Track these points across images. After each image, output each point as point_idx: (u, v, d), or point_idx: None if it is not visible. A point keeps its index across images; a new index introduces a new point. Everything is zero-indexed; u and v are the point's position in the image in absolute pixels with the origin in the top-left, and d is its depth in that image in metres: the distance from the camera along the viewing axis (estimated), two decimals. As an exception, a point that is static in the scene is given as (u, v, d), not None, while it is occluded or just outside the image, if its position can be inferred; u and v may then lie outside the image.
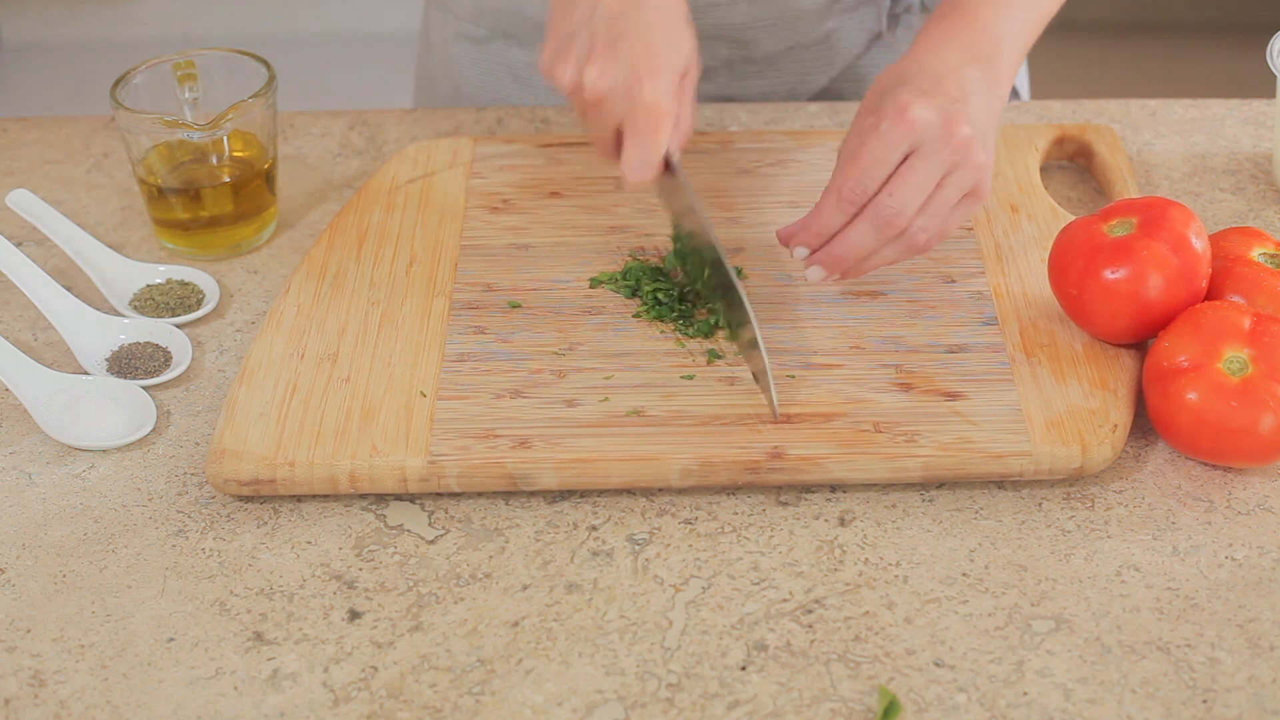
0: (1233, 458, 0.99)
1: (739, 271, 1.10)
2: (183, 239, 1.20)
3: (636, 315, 1.10)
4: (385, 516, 1.00)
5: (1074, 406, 1.02)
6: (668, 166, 1.05)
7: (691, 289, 1.11)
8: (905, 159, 1.02)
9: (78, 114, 1.39)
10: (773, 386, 1.02)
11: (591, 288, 1.12)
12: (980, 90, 1.04)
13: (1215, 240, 1.08)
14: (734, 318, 1.06)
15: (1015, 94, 1.43)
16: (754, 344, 1.03)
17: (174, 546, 0.99)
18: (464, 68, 1.40)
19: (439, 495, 1.01)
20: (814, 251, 1.04)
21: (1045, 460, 0.99)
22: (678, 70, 1.04)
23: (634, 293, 1.11)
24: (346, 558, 0.98)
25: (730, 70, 1.35)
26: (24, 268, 1.14)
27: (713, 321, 1.08)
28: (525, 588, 0.96)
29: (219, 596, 0.96)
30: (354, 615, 0.94)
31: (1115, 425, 1.00)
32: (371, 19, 3.19)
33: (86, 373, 1.09)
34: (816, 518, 0.99)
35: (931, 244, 1.03)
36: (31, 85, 3.11)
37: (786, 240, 1.05)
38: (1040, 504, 1.00)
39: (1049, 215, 1.17)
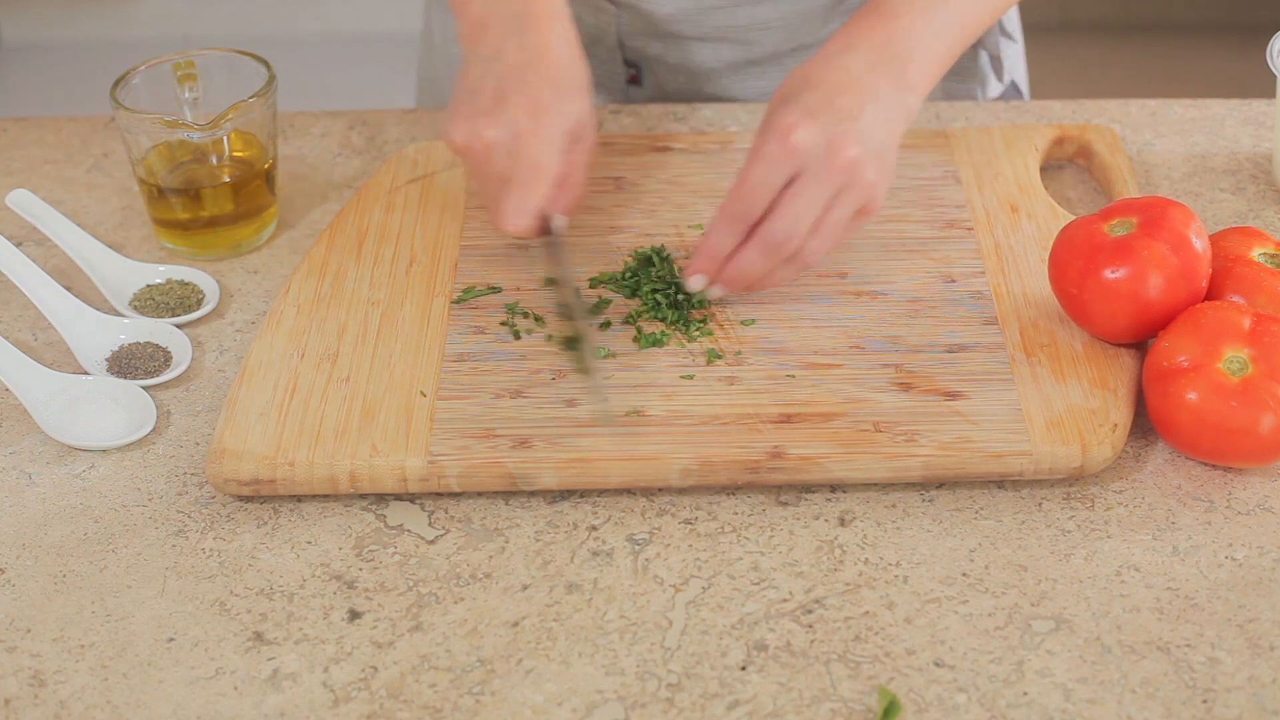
0: (1233, 458, 0.99)
1: (601, 351, 1.09)
2: (183, 239, 1.20)
3: (636, 315, 1.10)
4: (385, 516, 1.00)
5: (1074, 406, 1.02)
6: (548, 228, 1.07)
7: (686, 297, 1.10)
8: (791, 182, 1.03)
9: (78, 114, 1.39)
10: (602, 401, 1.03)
11: (591, 287, 1.12)
12: (883, 99, 1.04)
13: (1215, 240, 1.08)
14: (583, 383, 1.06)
15: (1017, 92, 1.43)
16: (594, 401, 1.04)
17: (174, 546, 0.99)
18: None
19: (439, 495, 1.01)
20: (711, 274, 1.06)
21: (1045, 460, 0.99)
22: (564, 129, 1.05)
23: (634, 293, 1.11)
24: (346, 558, 0.98)
25: (734, 71, 1.35)
26: (24, 268, 1.14)
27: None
28: (525, 588, 0.96)
29: (219, 596, 0.96)
30: (354, 615, 0.94)
31: (1115, 425, 1.00)
32: (372, 19, 3.19)
33: (86, 373, 1.09)
34: (816, 518, 0.99)
35: (822, 257, 1.05)
36: (31, 85, 3.11)
37: (686, 272, 1.08)
38: (1040, 504, 1.00)
39: (1049, 215, 1.17)
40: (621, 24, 1.32)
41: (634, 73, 1.37)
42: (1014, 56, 1.42)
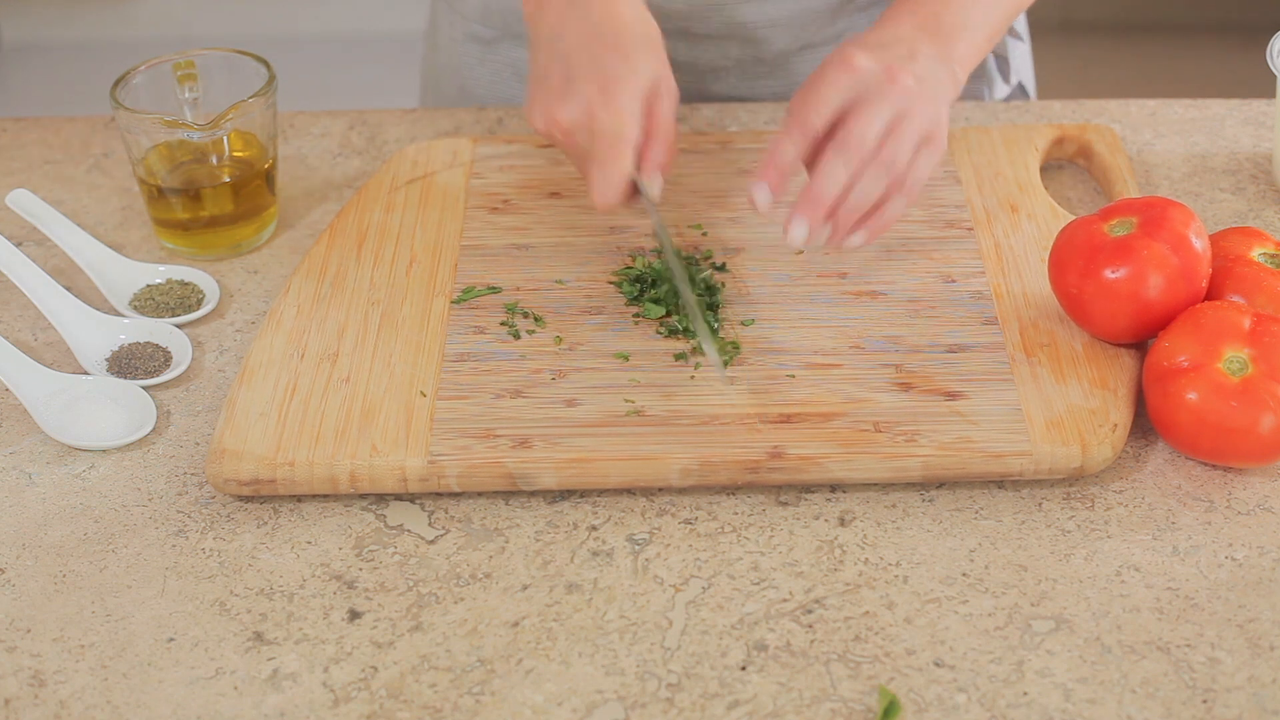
0: (1233, 458, 0.99)
1: (711, 291, 1.10)
2: (183, 239, 1.20)
3: (637, 316, 1.10)
4: (385, 516, 1.00)
5: (1074, 406, 1.02)
6: (637, 190, 1.07)
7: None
8: (852, 105, 1.03)
9: (78, 114, 1.39)
10: (723, 376, 1.04)
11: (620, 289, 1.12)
12: (930, 59, 1.05)
13: (1215, 240, 1.08)
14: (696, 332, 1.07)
15: (1024, 93, 1.43)
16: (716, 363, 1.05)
17: (174, 546, 0.99)
18: (471, 68, 1.40)
19: (439, 495, 1.01)
20: (796, 211, 1.03)
21: (1045, 460, 0.99)
22: (639, 92, 1.05)
23: (638, 297, 1.11)
24: (346, 558, 0.98)
25: (741, 70, 1.35)
26: (24, 268, 1.14)
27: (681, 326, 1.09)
28: (525, 588, 0.96)
29: (219, 596, 0.96)
30: (354, 615, 0.94)
31: (1115, 425, 1.00)
32: (372, 19, 3.19)
33: (86, 373, 1.09)
34: (816, 518, 0.99)
35: (906, 190, 1.04)
36: (31, 85, 3.11)
37: (755, 188, 1.04)
38: (1040, 504, 1.00)
39: (1049, 215, 1.17)
40: None
41: None
42: (1021, 57, 1.42)
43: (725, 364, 1.05)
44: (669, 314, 1.09)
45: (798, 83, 1.37)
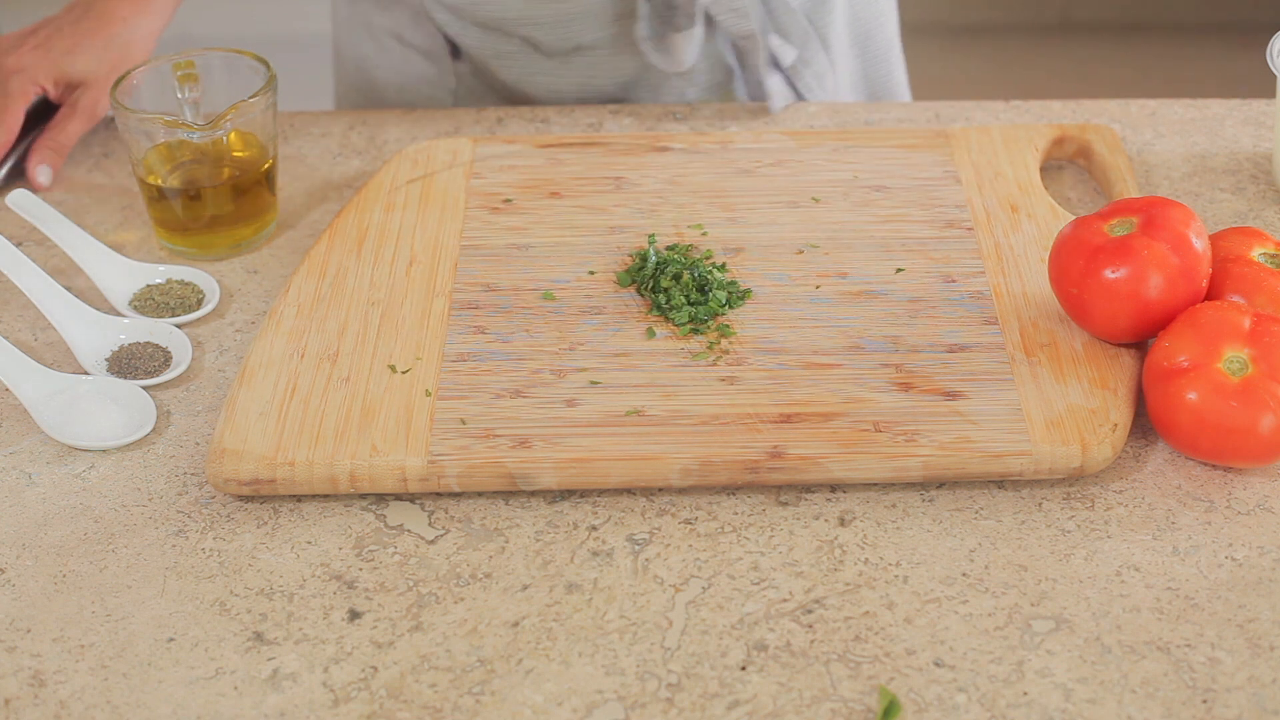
0: (1233, 458, 0.99)
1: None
2: (183, 239, 1.20)
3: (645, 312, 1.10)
4: (385, 516, 1.00)
5: (1074, 406, 1.02)
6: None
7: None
8: None
9: (78, 114, 1.39)
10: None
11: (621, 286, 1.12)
12: None
13: (1215, 240, 1.08)
14: None
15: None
16: None
17: (174, 546, 0.99)
18: (357, 45, 1.45)
19: (439, 495, 1.01)
20: None
21: (1045, 460, 0.99)
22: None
23: (652, 289, 1.11)
24: (346, 558, 0.98)
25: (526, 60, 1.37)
26: (24, 268, 1.13)
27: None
28: (525, 588, 0.96)
29: (219, 596, 0.96)
30: (354, 615, 0.94)
31: (1115, 425, 1.00)
32: (371, 19, 3.19)
33: (86, 373, 1.09)
34: (816, 518, 0.99)
35: None
36: (31, 85, 3.10)
37: None
38: (1040, 504, 1.00)
39: (1049, 215, 1.17)
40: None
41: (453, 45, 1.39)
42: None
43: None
44: (634, 284, 1.11)
45: (577, 82, 1.38)
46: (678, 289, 1.10)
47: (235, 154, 1.19)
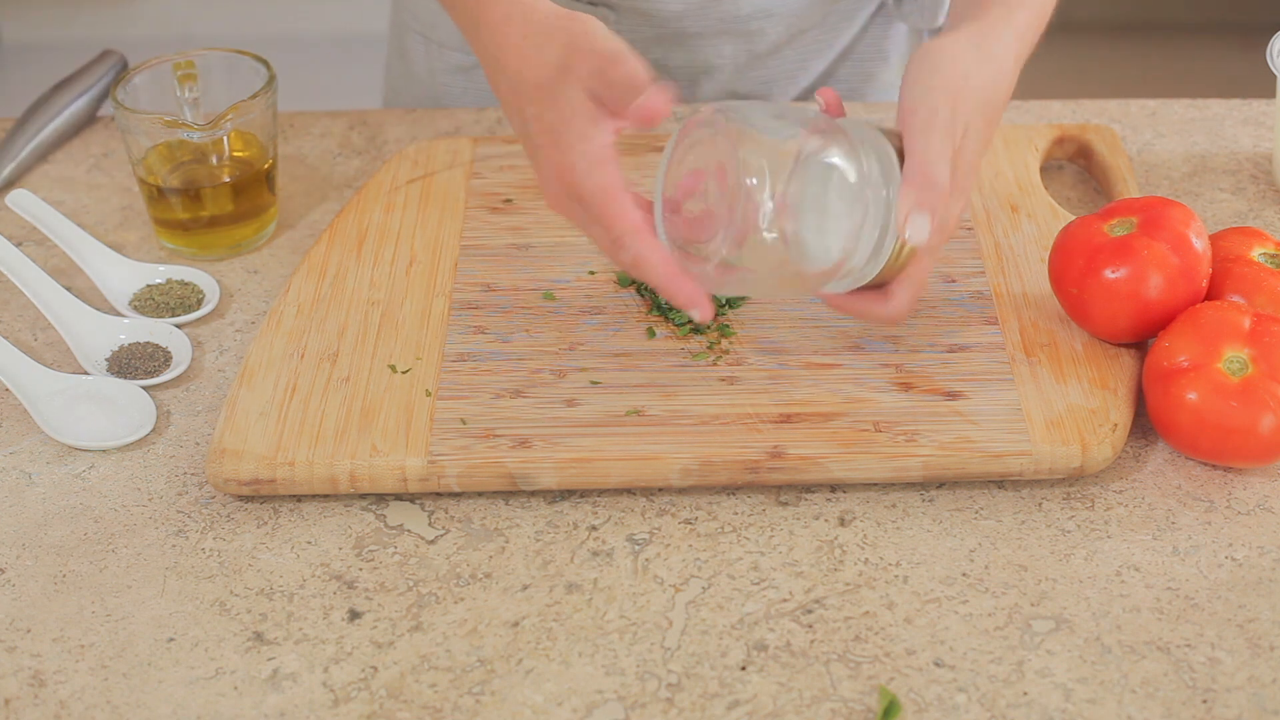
0: (1233, 458, 0.99)
1: None
2: (183, 239, 1.20)
3: (646, 314, 1.10)
4: (385, 516, 1.00)
5: (1074, 406, 1.02)
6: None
7: None
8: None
9: (78, 114, 1.39)
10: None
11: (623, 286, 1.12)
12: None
13: (1215, 240, 1.08)
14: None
15: None
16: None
17: (174, 546, 0.99)
18: (455, 99, 1.41)
19: (439, 495, 1.01)
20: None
21: (1045, 460, 0.99)
22: (588, 134, 0.96)
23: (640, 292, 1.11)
24: (346, 558, 0.98)
25: (734, 66, 1.35)
26: (24, 268, 1.14)
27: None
28: (525, 588, 0.96)
29: (219, 596, 0.96)
30: (354, 615, 0.94)
31: (1115, 425, 1.00)
32: (371, 19, 3.19)
33: (86, 373, 1.09)
34: (816, 518, 0.99)
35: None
36: (31, 85, 3.10)
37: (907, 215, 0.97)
38: (1040, 504, 1.00)
39: (1049, 215, 1.17)
40: (620, 29, 1.32)
41: None
42: None
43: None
44: (634, 284, 1.11)
45: (785, 71, 1.37)
46: None
47: (235, 154, 1.19)
